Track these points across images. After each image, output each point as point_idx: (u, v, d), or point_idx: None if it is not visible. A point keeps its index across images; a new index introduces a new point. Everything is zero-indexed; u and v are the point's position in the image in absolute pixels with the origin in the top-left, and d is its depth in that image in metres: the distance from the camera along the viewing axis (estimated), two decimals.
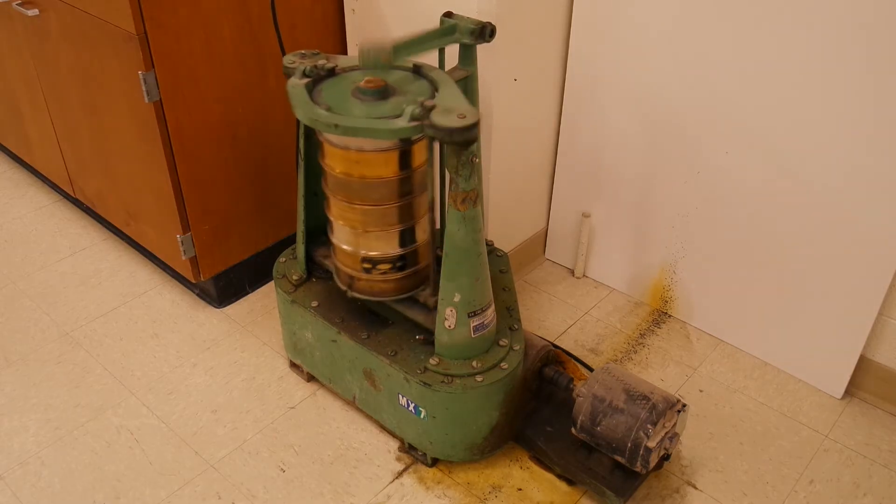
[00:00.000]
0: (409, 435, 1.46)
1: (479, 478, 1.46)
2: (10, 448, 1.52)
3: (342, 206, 1.35)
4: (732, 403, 1.62)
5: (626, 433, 1.30)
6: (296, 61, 1.33)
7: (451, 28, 1.37)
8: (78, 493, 1.43)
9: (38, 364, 1.71)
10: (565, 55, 1.75)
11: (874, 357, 1.58)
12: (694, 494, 1.43)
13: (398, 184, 1.32)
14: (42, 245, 2.10)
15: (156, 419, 1.58)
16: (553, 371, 1.46)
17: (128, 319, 1.84)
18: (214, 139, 1.65)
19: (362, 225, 1.36)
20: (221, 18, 1.56)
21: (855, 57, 1.34)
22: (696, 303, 1.79)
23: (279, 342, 1.75)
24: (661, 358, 1.73)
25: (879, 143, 1.37)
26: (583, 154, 1.82)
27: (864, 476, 1.47)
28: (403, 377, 1.37)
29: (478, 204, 1.23)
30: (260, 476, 1.46)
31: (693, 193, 1.67)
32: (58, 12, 1.65)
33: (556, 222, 1.97)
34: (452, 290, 1.29)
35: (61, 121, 1.92)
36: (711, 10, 1.48)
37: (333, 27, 1.81)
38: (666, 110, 1.63)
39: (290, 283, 1.56)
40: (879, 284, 1.47)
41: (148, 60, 1.49)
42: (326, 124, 1.20)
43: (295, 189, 1.83)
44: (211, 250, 1.77)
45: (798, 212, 1.52)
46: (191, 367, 1.71)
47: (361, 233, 1.36)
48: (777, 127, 1.48)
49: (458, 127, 1.13)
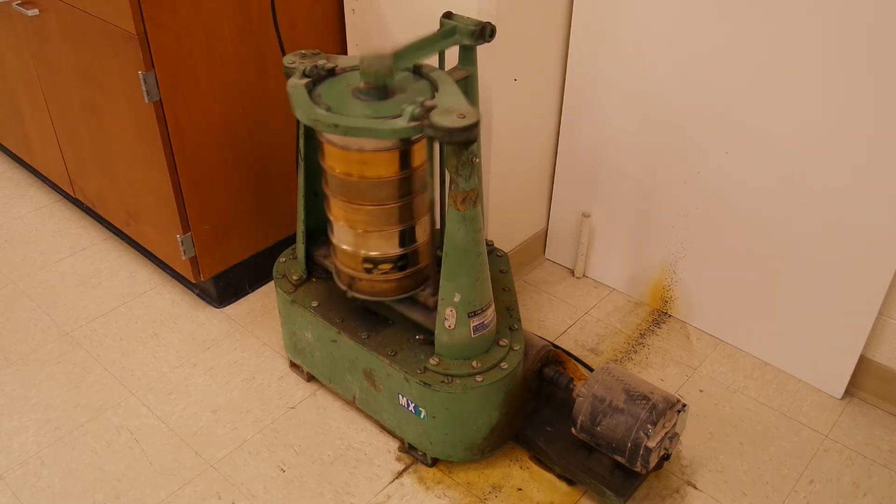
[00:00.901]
0: (409, 435, 1.46)
1: (479, 478, 1.46)
2: (10, 448, 1.52)
3: (343, 207, 1.35)
4: (732, 403, 1.62)
5: (626, 433, 1.30)
6: (296, 61, 1.33)
7: (451, 30, 1.37)
8: (78, 493, 1.43)
9: (38, 364, 1.71)
10: (565, 55, 1.75)
11: (874, 357, 1.58)
12: (694, 494, 1.43)
13: (398, 184, 1.32)
14: (42, 245, 2.10)
15: (156, 419, 1.58)
16: (553, 371, 1.46)
17: (128, 319, 1.84)
18: (214, 139, 1.65)
19: (363, 225, 1.36)
20: (221, 18, 1.56)
21: (855, 57, 1.34)
22: (696, 303, 1.79)
23: (279, 342, 1.75)
24: (661, 358, 1.73)
25: (879, 144, 1.37)
26: (583, 154, 1.82)
27: (864, 476, 1.47)
28: (403, 377, 1.37)
29: (478, 204, 1.23)
30: (260, 476, 1.46)
31: (693, 193, 1.67)
32: (58, 12, 1.65)
33: (556, 222, 1.97)
34: (452, 290, 1.29)
35: (61, 121, 1.92)
36: (711, 10, 1.48)
37: (333, 27, 1.81)
38: (666, 110, 1.63)
39: (290, 283, 1.56)
40: (879, 284, 1.47)
41: (148, 60, 1.49)
42: (326, 124, 1.20)
43: (295, 189, 1.83)
44: (211, 250, 1.77)
45: (798, 212, 1.52)
46: (191, 367, 1.71)
47: (362, 233, 1.37)
48: (777, 127, 1.48)
49: (457, 127, 1.13)
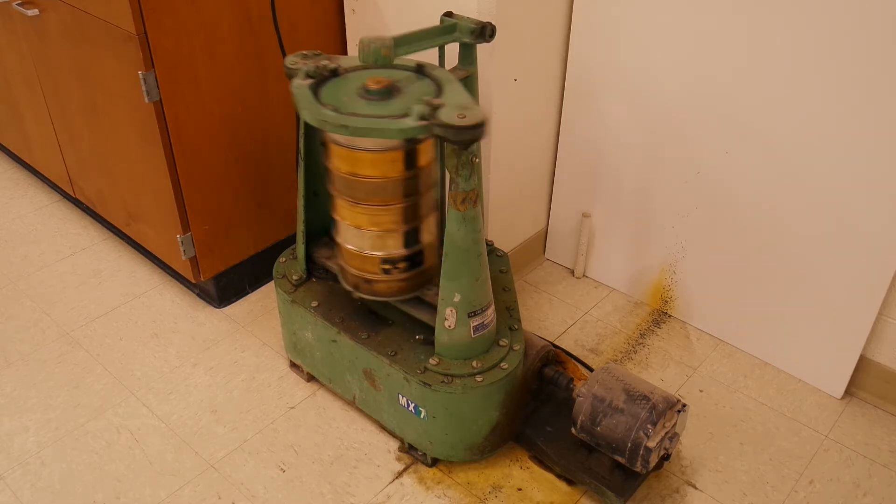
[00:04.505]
0: (409, 435, 1.46)
1: (479, 478, 1.46)
2: (10, 448, 1.52)
3: (349, 207, 1.35)
4: (732, 403, 1.62)
5: (626, 433, 1.30)
6: (298, 62, 1.33)
7: (451, 27, 1.37)
8: (78, 493, 1.43)
9: (38, 364, 1.71)
10: (565, 55, 1.75)
11: (874, 357, 1.58)
12: (694, 494, 1.43)
13: (405, 183, 1.31)
14: (42, 245, 2.10)
15: (156, 419, 1.58)
16: (553, 371, 1.46)
17: (128, 319, 1.84)
18: (214, 139, 1.65)
19: (369, 225, 1.35)
20: (221, 18, 1.56)
21: (855, 57, 1.34)
22: (696, 303, 1.79)
23: (279, 342, 1.75)
24: (661, 358, 1.73)
25: (880, 144, 1.37)
26: (583, 154, 1.82)
27: (864, 476, 1.47)
28: (403, 377, 1.37)
29: (478, 204, 1.23)
30: (260, 476, 1.46)
31: (693, 193, 1.67)
32: (58, 12, 1.65)
33: (556, 222, 1.97)
34: (452, 290, 1.29)
35: (61, 121, 1.92)
36: (712, 9, 1.48)
37: (333, 27, 1.81)
38: (666, 110, 1.63)
39: (290, 283, 1.56)
40: (879, 284, 1.47)
41: (148, 60, 1.49)
42: (335, 125, 1.19)
43: (295, 189, 1.83)
44: (211, 250, 1.77)
45: (798, 211, 1.52)
46: (191, 367, 1.71)
47: (368, 233, 1.36)
48: (777, 127, 1.48)
49: (466, 125, 1.13)
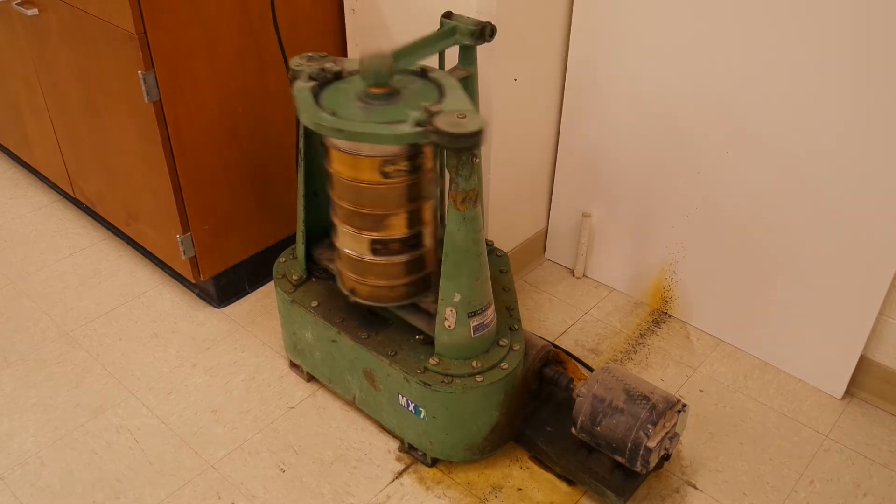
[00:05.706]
0: (409, 435, 1.46)
1: (479, 478, 1.46)
2: (10, 448, 1.52)
3: (348, 211, 1.35)
4: (732, 403, 1.62)
5: (626, 433, 1.30)
6: (302, 64, 1.32)
7: (450, 30, 1.37)
8: (78, 493, 1.43)
9: (38, 364, 1.71)
10: (565, 55, 1.75)
11: (874, 357, 1.58)
12: (694, 494, 1.43)
13: (406, 188, 1.31)
14: (42, 245, 2.10)
15: (156, 419, 1.58)
16: (553, 371, 1.46)
17: (128, 319, 1.84)
18: (214, 139, 1.65)
19: (367, 229, 1.35)
20: (221, 18, 1.56)
21: (856, 56, 1.34)
22: (696, 303, 1.79)
23: (279, 342, 1.75)
24: (661, 358, 1.73)
25: (880, 143, 1.37)
26: (583, 154, 1.82)
27: (864, 476, 1.47)
28: (403, 377, 1.37)
29: (478, 204, 1.23)
30: (260, 476, 1.46)
31: (693, 193, 1.67)
32: (57, 12, 1.65)
33: (556, 222, 1.97)
34: (452, 290, 1.29)
35: (61, 121, 1.92)
36: (712, 9, 1.47)
37: (333, 27, 1.81)
38: (666, 110, 1.63)
39: (290, 283, 1.56)
40: (879, 284, 1.47)
41: (148, 60, 1.49)
42: (330, 129, 1.19)
43: (295, 189, 1.82)
44: (211, 250, 1.77)
45: (798, 211, 1.52)
46: (191, 367, 1.71)
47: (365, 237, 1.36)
48: (777, 126, 1.48)
49: (462, 133, 1.12)
